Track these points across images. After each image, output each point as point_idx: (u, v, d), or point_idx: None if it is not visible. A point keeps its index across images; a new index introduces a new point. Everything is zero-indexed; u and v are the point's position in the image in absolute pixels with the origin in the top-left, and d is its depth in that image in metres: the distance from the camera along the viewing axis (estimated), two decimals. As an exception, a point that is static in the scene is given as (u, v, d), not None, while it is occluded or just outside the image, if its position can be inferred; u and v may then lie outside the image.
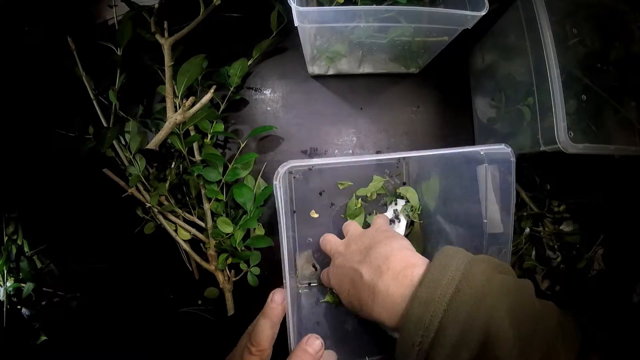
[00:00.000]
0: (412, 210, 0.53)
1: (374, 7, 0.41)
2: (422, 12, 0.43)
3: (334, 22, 0.43)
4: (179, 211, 0.56)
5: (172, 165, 0.55)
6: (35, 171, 0.59)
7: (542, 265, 0.57)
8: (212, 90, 0.44)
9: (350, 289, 0.39)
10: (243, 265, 0.56)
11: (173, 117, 0.45)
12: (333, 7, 0.41)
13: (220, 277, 0.56)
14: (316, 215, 0.55)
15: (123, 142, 0.54)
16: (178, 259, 0.59)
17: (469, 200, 0.46)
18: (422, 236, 0.54)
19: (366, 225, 0.54)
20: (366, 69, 0.60)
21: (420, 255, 0.37)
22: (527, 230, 0.57)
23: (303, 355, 0.36)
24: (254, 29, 0.61)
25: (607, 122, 0.48)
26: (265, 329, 0.38)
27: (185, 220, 0.56)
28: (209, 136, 0.56)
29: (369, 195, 0.55)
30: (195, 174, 0.53)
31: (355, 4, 0.47)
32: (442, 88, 0.62)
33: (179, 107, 0.45)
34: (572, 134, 0.42)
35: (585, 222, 0.59)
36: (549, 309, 0.31)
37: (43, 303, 0.56)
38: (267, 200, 0.59)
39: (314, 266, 0.54)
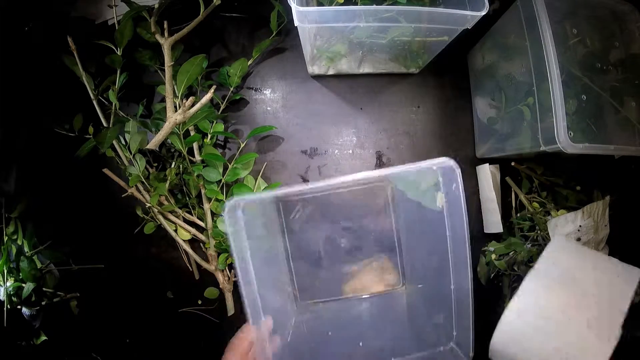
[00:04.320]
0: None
1: (374, 7, 0.41)
2: (422, 12, 0.43)
3: (334, 22, 0.43)
4: (179, 211, 0.56)
5: (172, 165, 0.55)
6: (35, 171, 0.59)
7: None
8: (212, 90, 0.44)
9: None
10: (243, 265, 0.56)
11: (173, 117, 0.45)
12: (333, 7, 0.41)
13: (220, 277, 0.56)
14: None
15: (123, 142, 0.54)
16: (178, 259, 0.59)
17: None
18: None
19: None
20: (366, 69, 0.60)
21: None
22: (516, 236, 0.57)
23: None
24: (254, 29, 0.61)
25: (607, 122, 0.47)
26: None
27: (185, 220, 0.56)
28: (209, 136, 0.56)
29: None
30: (195, 174, 0.53)
31: (355, 4, 0.47)
32: (442, 88, 0.62)
33: (179, 107, 0.45)
34: (572, 134, 0.42)
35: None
36: None
37: (43, 303, 0.56)
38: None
39: None
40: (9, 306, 0.53)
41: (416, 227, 0.52)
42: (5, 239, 0.55)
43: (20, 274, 0.54)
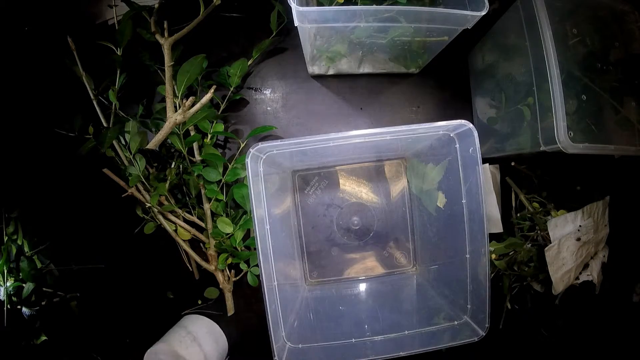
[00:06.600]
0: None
1: (374, 7, 0.41)
2: (422, 12, 0.43)
3: (334, 22, 0.43)
4: (179, 211, 0.56)
5: (172, 165, 0.55)
6: (35, 171, 0.59)
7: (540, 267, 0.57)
8: (212, 90, 0.44)
9: None
10: (243, 265, 0.56)
11: (173, 117, 0.45)
12: (333, 7, 0.41)
13: (220, 277, 0.56)
14: None
15: (123, 142, 0.54)
16: (178, 259, 0.59)
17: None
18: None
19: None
20: (366, 69, 0.60)
21: None
22: (518, 236, 0.57)
23: None
24: (254, 29, 0.61)
25: (607, 122, 0.47)
26: None
27: (185, 220, 0.56)
28: (209, 136, 0.56)
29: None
30: (195, 174, 0.53)
31: (355, 4, 0.47)
32: (442, 88, 0.62)
33: (179, 107, 0.45)
34: (572, 134, 0.42)
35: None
36: None
37: (43, 303, 0.56)
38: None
39: None
40: (9, 306, 0.53)
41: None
42: (5, 239, 0.55)
43: (20, 274, 0.54)
